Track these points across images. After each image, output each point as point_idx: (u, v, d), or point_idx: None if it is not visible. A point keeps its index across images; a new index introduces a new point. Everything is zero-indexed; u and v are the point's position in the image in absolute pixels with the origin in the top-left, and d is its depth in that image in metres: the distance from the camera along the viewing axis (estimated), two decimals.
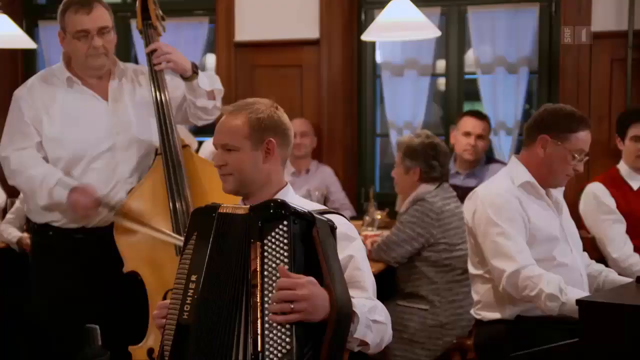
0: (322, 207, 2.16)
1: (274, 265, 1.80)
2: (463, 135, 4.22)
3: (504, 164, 4.24)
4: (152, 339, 2.78)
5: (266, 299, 1.78)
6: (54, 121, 2.97)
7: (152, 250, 2.92)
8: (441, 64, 4.96)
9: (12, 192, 4.57)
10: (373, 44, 4.90)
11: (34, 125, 2.96)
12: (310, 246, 1.84)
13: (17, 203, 4.19)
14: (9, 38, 4.73)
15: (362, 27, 4.79)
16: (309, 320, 1.78)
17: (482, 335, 2.84)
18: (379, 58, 5.00)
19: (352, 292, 1.93)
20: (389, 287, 3.55)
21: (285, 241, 1.81)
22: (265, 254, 1.80)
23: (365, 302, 1.93)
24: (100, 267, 2.97)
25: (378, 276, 3.38)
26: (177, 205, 2.93)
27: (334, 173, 4.78)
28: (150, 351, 2.83)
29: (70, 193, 2.85)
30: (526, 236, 2.68)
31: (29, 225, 3.81)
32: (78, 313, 2.88)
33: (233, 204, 2.01)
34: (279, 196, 2.07)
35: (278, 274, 1.79)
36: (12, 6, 5.16)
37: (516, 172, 2.77)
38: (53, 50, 5.30)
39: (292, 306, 1.75)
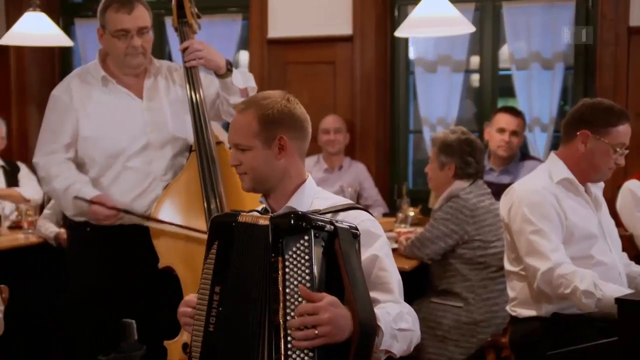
0: (346, 201, 2.11)
1: (295, 282, 1.75)
2: (497, 132, 4.19)
3: (539, 160, 4.20)
4: (186, 334, 2.79)
5: (289, 317, 1.74)
6: (89, 120, 3.00)
7: (187, 246, 2.94)
8: (475, 60, 4.92)
9: None
10: (406, 40, 4.87)
11: (69, 125, 2.99)
12: (332, 260, 1.78)
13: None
14: (47, 36, 4.79)
15: (395, 23, 4.78)
16: (333, 342, 1.75)
17: (518, 332, 2.82)
18: (412, 54, 4.98)
19: (377, 295, 1.91)
20: (423, 284, 3.53)
21: (307, 257, 1.76)
22: (287, 270, 1.75)
23: (391, 309, 1.88)
24: (136, 262, 3.00)
25: (411, 273, 3.39)
26: (211, 201, 2.94)
27: (367, 169, 4.77)
28: (184, 346, 2.85)
29: (90, 205, 2.90)
30: (562, 234, 2.65)
31: (65, 221, 3.87)
32: (114, 307, 2.91)
33: (253, 213, 1.94)
34: (300, 191, 2.04)
35: (300, 293, 1.75)
36: (49, 4, 5.24)
37: (555, 168, 2.75)
38: (89, 48, 5.37)
39: (316, 332, 1.72)
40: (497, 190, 3.52)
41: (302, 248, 1.76)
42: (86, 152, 3.01)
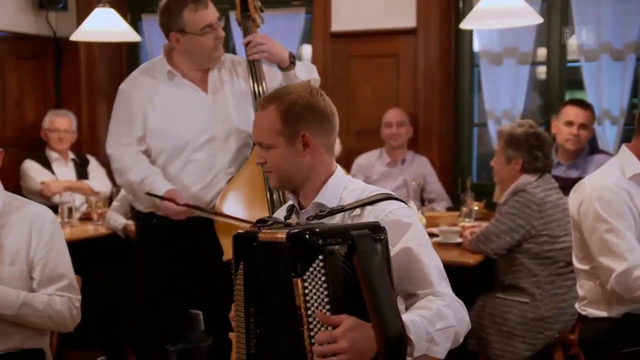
0: (378, 190, 2.00)
1: (315, 305, 1.66)
2: (565, 125, 4.10)
3: (608, 154, 4.09)
4: None
5: (313, 341, 1.67)
6: (156, 114, 3.05)
7: None
8: (542, 52, 4.82)
9: None
10: (471, 32, 4.81)
11: (139, 118, 3.04)
12: (352, 275, 1.67)
13: (122, 191, 4.32)
14: (115, 32, 4.89)
15: (460, 15, 4.72)
16: None
17: (588, 331, 2.74)
18: (476, 46, 4.91)
19: (414, 289, 1.86)
20: (488, 278, 3.49)
21: (323, 278, 1.66)
22: (306, 291, 1.66)
23: (427, 309, 1.80)
24: (201, 254, 3.04)
25: (476, 267, 3.35)
26: (274, 194, 2.96)
27: (430, 163, 4.74)
28: None
29: (162, 200, 2.94)
30: (636, 232, 2.57)
31: (133, 212, 3.95)
32: (180, 298, 2.97)
33: (273, 227, 1.85)
34: (328, 186, 1.98)
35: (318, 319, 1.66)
36: (118, 0, 5.34)
37: (627, 162, 2.65)
38: (156, 43, 5.46)
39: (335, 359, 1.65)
40: (565, 185, 3.45)
41: (317, 268, 1.66)
42: (153, 145, 3.06)
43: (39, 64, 5.45)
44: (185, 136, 3.04)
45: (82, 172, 4.95)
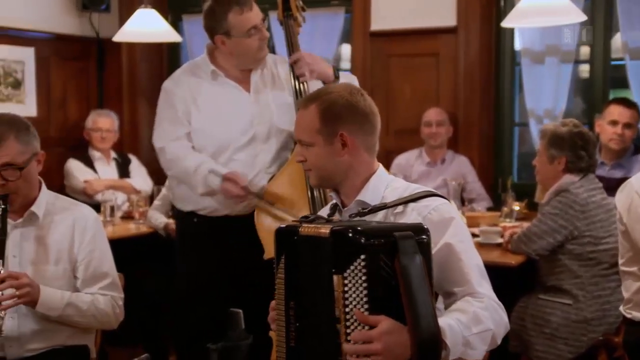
0: (420, 188, 2.01)
1: (354, 303, 1.67)
2: (609, 124, 4.03)
3: None
4: None
5: (349, 337, 1.68)
6: (200, 113, 3.07)
7: None
8: (585, 50, 4.75)
9: (159, 180, 4.80)
10: (512, 30, 4.76)
11: (184, 115, 3.06)
12: (392, 276, 1.67)
13: (164, 190, 4.37)
14: (157, 32, 4.95)
15: (501, 13, 4.67)
16: None
17: (633, 334, 2.70)
18: (518, 45, 4.85)
19: (452, 287, 1.85)
20: (530, 279, 3.45)
21: (364, 277, 1.66)
22: (346, 288, 1.67)
23: (464, 312, 1.79)
24: (241, 252, 3.06)
25: (518, 268, 3.31)
26: (315, 193, 2.96)
27: (470, 163, 4.70)
28: None
29: (223, 181, 2.93)
30: None
31: (174, 211, 3.98)
32: (221, 297, 2.98)
33: (316, 222, 1.87)
34: (370, 184, 1.99)
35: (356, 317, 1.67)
36: (159, 1, 5.40)
37: None
38: (196, 43, 5.50)
39: None
40: (609, 185, 3.40)
41: (359, 267, 1.66)
42: (196, 144, 3.08)
43: (82, 64, 5.53)
44: (227, 135, 3.06)
45: (124, 171, 5.01)
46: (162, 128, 3.12)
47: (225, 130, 3.05)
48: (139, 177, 5.00)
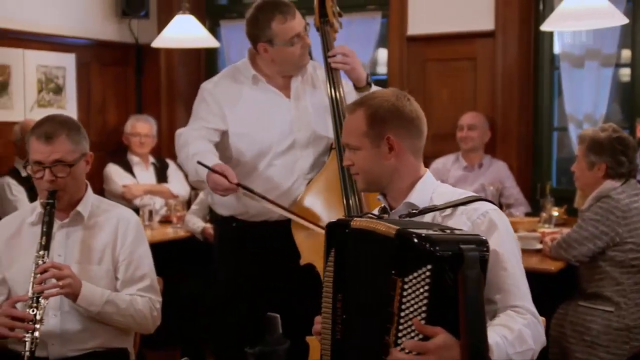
0: (465, 193, 2.01)
1: (411, 309, 1.65)
2: None
3: None
4: None
5: (399, 342, 1.67)
6: (240, 117, 3.06)
7: None
8: (626, 54, 4.67)
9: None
10: (551, 34, 4.71)
11: (217, 117, 3.05)
12: (452, 289, 1.65)
13: (201, 195, 4.41)
14: (195, 38, 4.99)
15: (539, 17, 4.62)
16: None
17: None
18: (557, 48, 4.80)
19: (494, 296, 1.83)
20: (570, 286, 3.40)
21: (427, 287, 1.64)
22: (404, 293, 1.65)
23: (508, 333, 1.77)
24: (279, 257, 3.06)
25: (558, 274, 3.27)
26: (350, 199, 2.95)
27: (508, 168, 4.65)
28: None
29: (210, 173, 2.77)
30: None
31: (212, 216, 4.01)
32: (258, 302, 2.99)
33: (367, 217, 1.88)
34: (417, 188, 2.00)
35: (412, 323, 1.66)
36: (197, 7, 5.45)
37: None
38: (233, 48, 5.54)
39: None
40: None
41: (423, 277, 1.65)
42: (236, 148, 3.07)
43: (121, 70, 5.61)
44: (268, 141, 3.06)
45: (161, 175, 5.06)
46: (189, 122, 3.09)
47: (265, 135, 3.06)
48: (177, 182, 5.04)
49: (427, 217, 1.96)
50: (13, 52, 4.83)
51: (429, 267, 1.64)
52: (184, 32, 4.91)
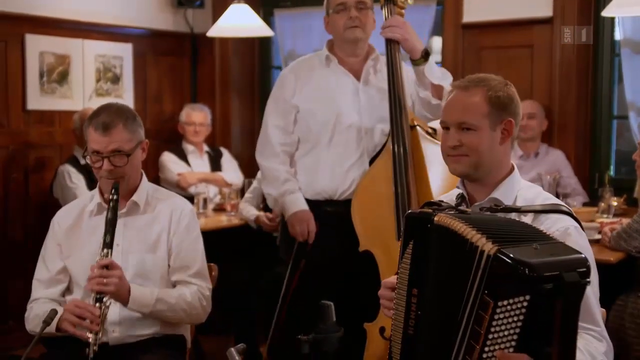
0: (549, 199, 1.96)
1: (500, 335, 1.57)
2: None
3: None
4: (384, 318, 2.82)
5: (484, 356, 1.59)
6: (308, 94, 3.20)
7: (385, 231, 2.98)
8: None
9: (250, 173, 4.87)
10: (612, 20, 4.59)
11: (291, 100, 3.21)
12: (547, 316, 1.55)
13: (255, 183, 4.44)
14: (249, 27, 5.01)
15: (599, 3, 4.51)
16: None
17: None
18: (618, 35, 4.68)
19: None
20: (629, 277, 3.33)
21: (522, 317, 1.55)
22: (496, 316, 1.56)
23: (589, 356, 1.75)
24: (339, 246, 3.10)
25: (617, 265, 3.20)
26: (398, 188, 2.98)
27: (565, 157, 4.57)
28: (381, 329, 2.88)
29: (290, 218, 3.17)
30: None
31: (266, 204, 4.04)
32: (317, 288, 3.02)
33: (451, 215, 1.75)
34: (506, 183, 1.97)
35: (497, 348, 1.58)
36: None
37: None
38: (287, 38, 5.54)
39: None
40: None
41: (519, 305, 1.55)
42: (302, 124, 3.21)
43: (177, 59, 5.67)
44: (332, 117, 3.16)
45: (216, 164, 5.11)
46: (268, 121, 3.26)
47: (330, 111, 3.17)
48: (231, 171, 5.08)
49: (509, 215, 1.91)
50: (73, 43, 4.92)
51: (527, 297, 1.54)
52: (239, 21, 4.93)
